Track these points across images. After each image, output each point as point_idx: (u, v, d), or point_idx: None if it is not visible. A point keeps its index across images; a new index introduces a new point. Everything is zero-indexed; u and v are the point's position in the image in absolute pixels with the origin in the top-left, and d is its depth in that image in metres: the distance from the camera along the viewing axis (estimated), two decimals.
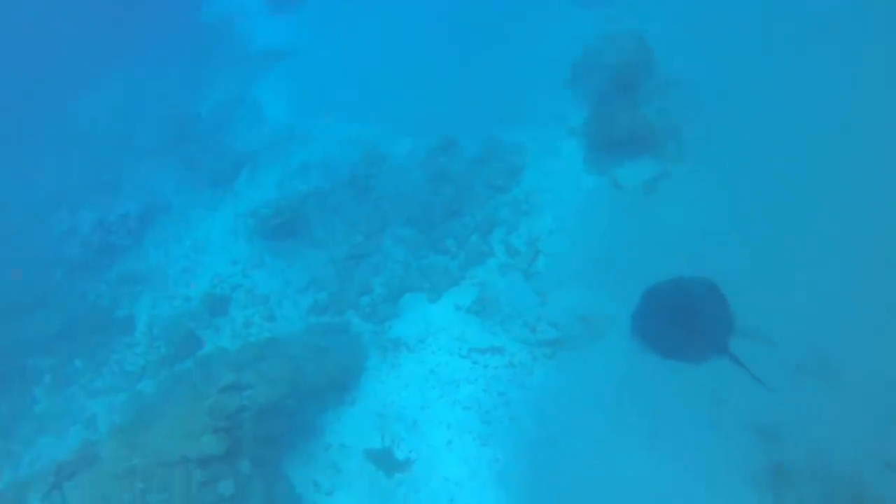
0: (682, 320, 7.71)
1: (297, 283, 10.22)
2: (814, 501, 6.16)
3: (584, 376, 7.91)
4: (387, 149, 12.17)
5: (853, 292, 7.62)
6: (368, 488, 7.39)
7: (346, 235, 10.57)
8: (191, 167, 13.25)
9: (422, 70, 13.65)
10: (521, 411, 7.69)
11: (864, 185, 8.54)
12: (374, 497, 7.29)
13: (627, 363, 7.87)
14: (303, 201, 11.37)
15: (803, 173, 8.90)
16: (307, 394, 8.02)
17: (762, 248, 8.35)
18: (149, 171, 13.37)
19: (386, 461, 7.56)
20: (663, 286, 8.08)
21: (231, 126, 14.32)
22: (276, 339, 8.60)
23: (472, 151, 11.37)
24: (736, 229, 8.61)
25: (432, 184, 10.98)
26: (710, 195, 9.17)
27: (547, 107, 11.70)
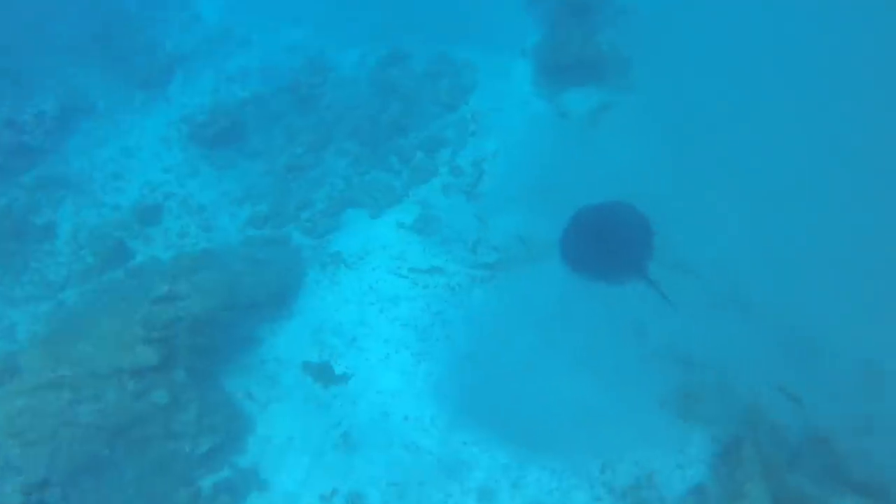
0: (604, 243, 8.07)
1: (234, 193, 9.88)
2: (715, 422, 6.78)
3: (520, 298, 8.20)
4: (333, 57, 11.57)
5: (773, 229, 8.13)
6: (304, 400, 7.56)
7: (287, 146, 10.19)
8: (118, 67, 12.15)
9: None
10: (457, 330, 7.94)
11: (793, 126, 8.92)
12: (310, 409, 7.47)
13: (559, 286, 8.20)
14: (241, 109, 10.79)
15: (739, 114, 9.18)
16: (244, 306, 7.95)
17: (691, 181, 8.68)
18: (69, 69, 12.14)
19: (323, 375, 7.72)
20: (591, 210, 8.39)
21: (163, 24, 13.11)
22: (213, 251, 8.39)
23: (423, 66, 10.99)
24: (669, 161, 8.90)
25: (379, 98, 10.62)
26: (650, 127, 9.38)
27: (501, 26, 11.34)
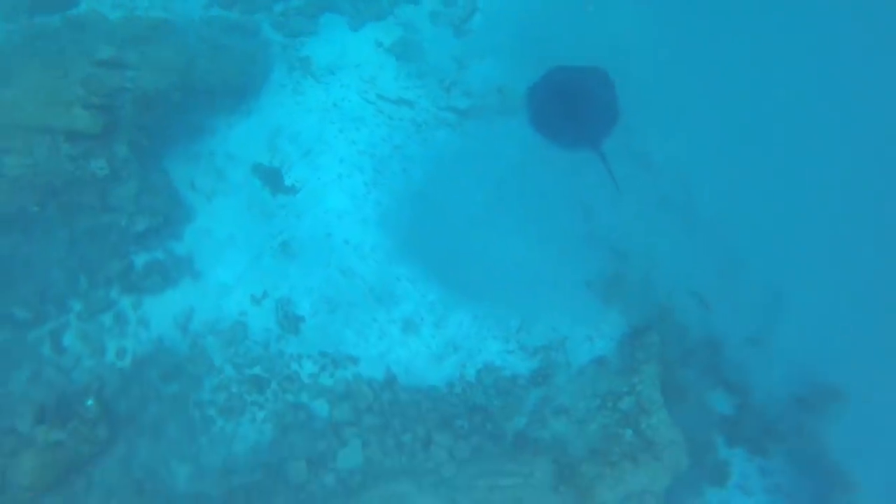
0: (569, 107, 7.94)
1: None
2: (631, 310, 7.35)
3: (483, 149, 8.09)
4: None
5: (738, 149, 8.16)
6: (249, 202, 7.46)
7: None
8: None
9: None
10: (415, 166, 7.84)
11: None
12: (255, 212, 7.42)
13: (523, 146, 8.11)
14: None
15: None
16: (199, 92, 7.41)
17: (672, 72, 8.40)
18: None
19: (272, 180, 7.56)
20: (565, 71, 8.09)
21: None
22: (170, 22, 7.50)
23: None
24: (657, 45, 8.49)
25: None
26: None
27: None
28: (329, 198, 7.60)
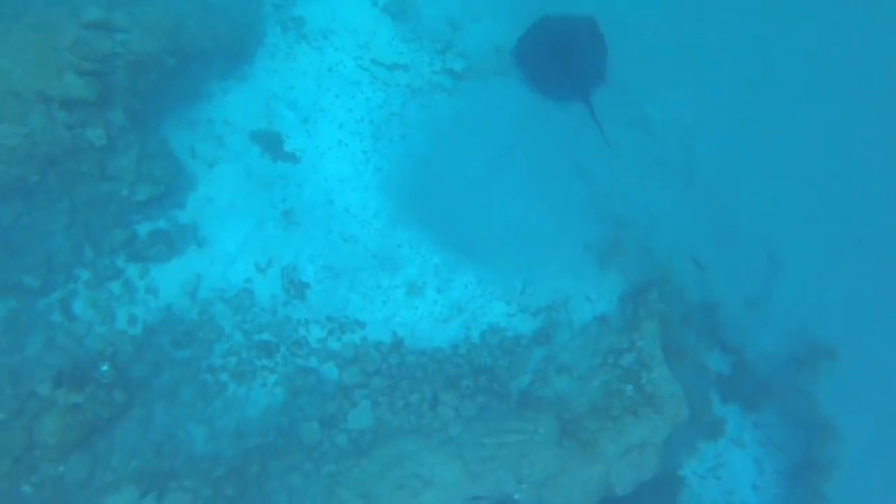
0: (555, 56, 7.84)
1: None
2: (629, 272, 7.45)
3: (481, 111, 8.02)
4: None
5: (737, 113, 8.09)
6: (250, 169, 7.39)
7: None
8: None
9: None
10: (414, 131, 7.79)
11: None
12: (256, 180, 7.34)
13: (522, 106, 8.06)
14: None
15: None
16: (191, 55, 7.21)
17: (671, 28, 8.30)
18: None
19: (272, 147, 7.49)
20: (553, 21, 7.98)
21: None
22: None
23: None
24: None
25: None
26: None
27: None
28: (329, 164, 7.55)
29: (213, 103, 7.47)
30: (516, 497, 6.22)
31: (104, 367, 6.26)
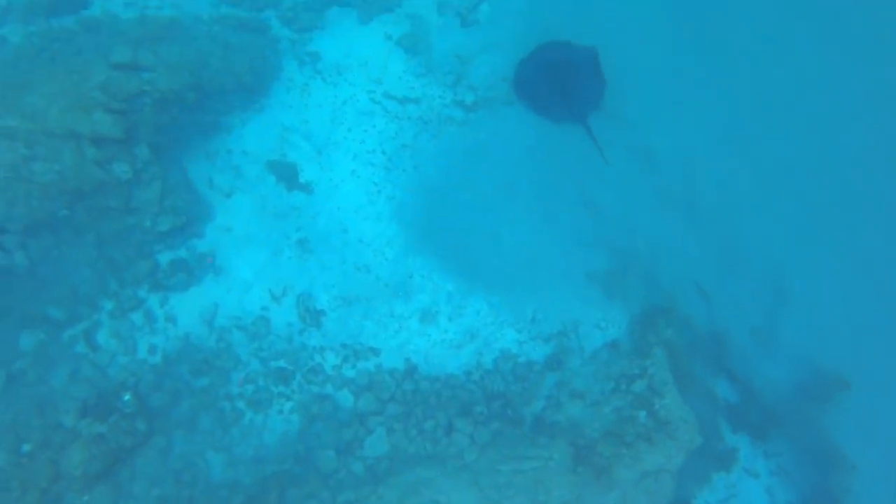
0: (556, 79, 8.05)
1: None
2: (634, 302, 7.60)
3: (490, 140, 8.21)
4: None
5: (740, 145, 8.19)
6: (266, 199, 7.60)
7: None
8: None
9: None
10: (425, 161, 7.98)
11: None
12: (272, 209, 7.55)
13: (530, 134, 8.24)
14: None
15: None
16: (212, 90, 7.51)
17: (674, 60, 8.48)
18: None
19: (288, 177, 7.71)
20: (554, 45, 8.25)
21: None
22: (180, 21, 7.59)
23: None
24: (662, 38, 8.56)
25: None
26: None
27: None
28: (343, 194, 7.76)
29: (232, 135, 7.73)
30: None
31: (126, 397, 6.40)
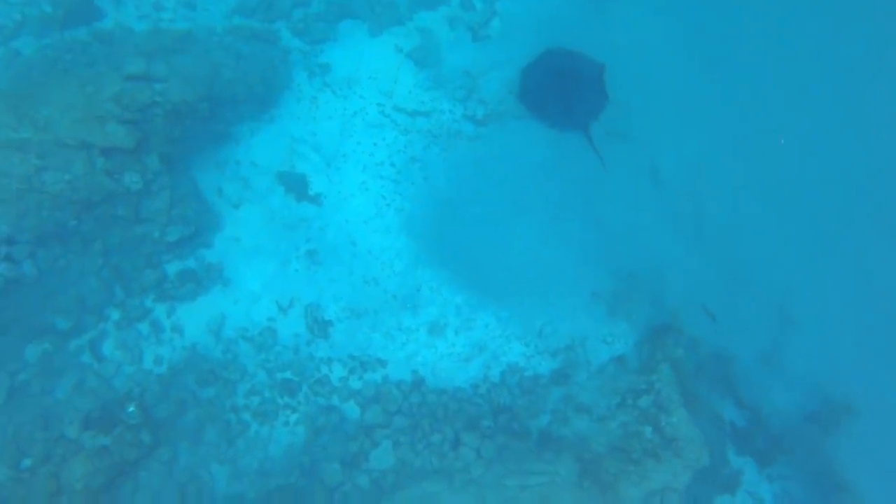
0: (559, 85, 8.09)
1: None
2: (638, 320, 7.60)
3: (500, 153, 8.23)
4: None
5: (748, 166, 8.19)
6: (275, 210, 7.61)
7: None
8: None
9: None
10: (435, 174, 7.99)
11: None
12: (281, 220, 7.56)
13: (539, 148, 8.26)
14: None
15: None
16: (223, 101, 7.54)
17: (682, 78, 8.48)
18: None
19: (297, 189, 7.72)
20: (560, 52, 8.26)
21: None
22: (193, 34, 7.64)
23: None
24: (662, 43, 8.58)
25: None
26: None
27: None
28: (352, 206, 7.77)
29: (242, 146, 7.75)
30: None
31: (131, 409, 6.37)
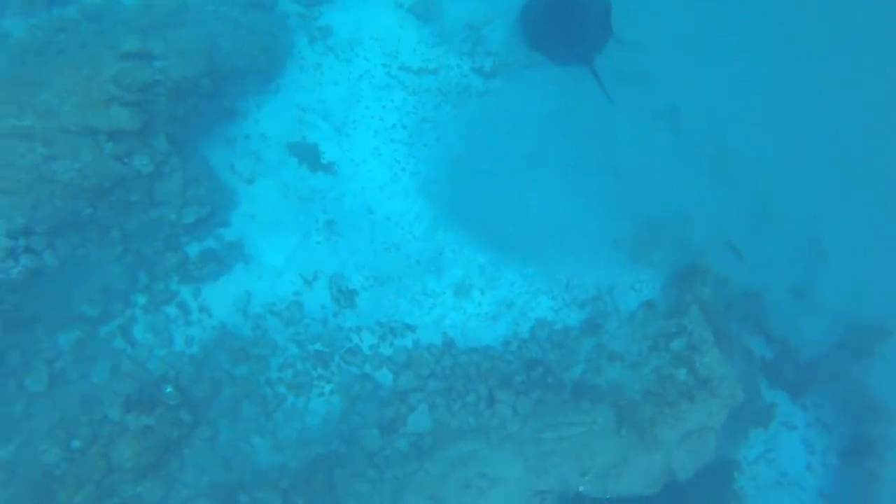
0: (560, 19, 7.81)
1: None
2: (663, 264, 7.49)
3: (512, 104, 8.01)
4: None
5: (768, 97, 7.94)
6: (289, 183, 7.47)
7: None
8: None
9: None
10: (448, 133, 7.80)
11: None
12: (296, 193, 7.43)
13: (552, 97, 8.02)
14: None
15: None
16: (225, 75, 7.30)
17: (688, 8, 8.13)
18: None
19: (310, 159, 7.56)
20: None
21: None
22: (186, 5, 7.33)
23: None
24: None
25: None
26: None
27: None
28: (366, 173, 7.61)
29: (249, 119, 7.56)
30: (581, 489, 6.30)
31: (168, 389, 6.44)
